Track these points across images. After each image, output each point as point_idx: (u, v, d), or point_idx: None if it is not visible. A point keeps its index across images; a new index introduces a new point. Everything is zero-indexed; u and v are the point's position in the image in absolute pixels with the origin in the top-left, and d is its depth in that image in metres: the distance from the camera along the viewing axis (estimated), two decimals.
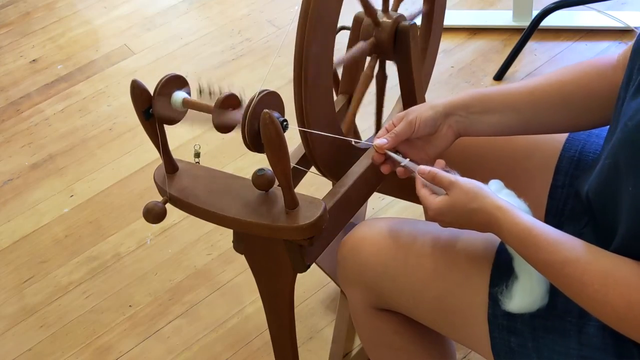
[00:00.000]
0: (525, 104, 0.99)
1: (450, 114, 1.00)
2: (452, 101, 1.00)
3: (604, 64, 0.96)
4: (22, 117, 2.32)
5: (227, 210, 1.01)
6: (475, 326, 0.97)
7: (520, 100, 0.99)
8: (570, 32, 2.29)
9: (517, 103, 0.99)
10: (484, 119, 1.00)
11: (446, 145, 1.02)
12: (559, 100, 0.98)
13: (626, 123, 0.78)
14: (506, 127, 1.01)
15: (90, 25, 2.68)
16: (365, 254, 1.06)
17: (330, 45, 1.02)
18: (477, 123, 1.00)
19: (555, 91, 0.98)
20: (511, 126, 1.01)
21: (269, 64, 2.35)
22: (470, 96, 1.00)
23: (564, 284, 0.81)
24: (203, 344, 1.61)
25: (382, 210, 1.83)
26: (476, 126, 1.01)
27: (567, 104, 0.98)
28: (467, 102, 1.00)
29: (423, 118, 0.99)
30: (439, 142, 1.01)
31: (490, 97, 1.00)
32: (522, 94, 0.99)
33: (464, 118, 1.00)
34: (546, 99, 0.98)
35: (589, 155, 1.05)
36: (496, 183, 0.92)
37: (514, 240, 0.85)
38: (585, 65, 0.98)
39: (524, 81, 1.01)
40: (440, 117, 0.99)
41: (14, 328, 1.70)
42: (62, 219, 1.95)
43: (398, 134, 0.99)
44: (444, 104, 1.00)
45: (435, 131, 1.00)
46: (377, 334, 1.13)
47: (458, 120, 1.00)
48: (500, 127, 1.01)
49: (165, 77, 0.98)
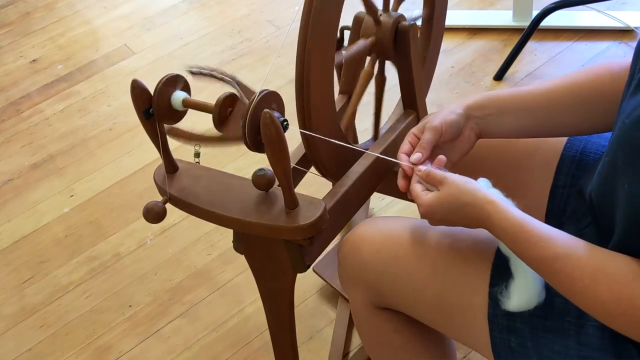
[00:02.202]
0: (539, 106, 0.99)
1: (469, 116, 1.00)
2: (469, 103, 1.00)
3: (617, 67, 0.96)
4: (22, 117, 2.32)
5: (227, 210, 1.01)
6: (475, 326, 0.97)
7: (534, 102, 0.99)
8: (570, 32, 2.29)
9: (531, 105, 0.99)
10: (499, 120, 1.00)
11: (469, 148, 1.02)
12: (573, 103, 0.98)
13: (624, 121, 0.79)
14: (521, 128, 1.01)
15: (90, 25, 2.68)
16: (365, 253, 1.06)
17: (331, 46, 1.02)
18: (493, 124, 1.01)
19: (569, 94, 0.98)
20: (525, 128, 1.01)
21: (269, 64, 2.35)
22: (484, 98, 1.00)
23: (555, 279, 0.82)
24: (203, 344, 1.61)
25: (382, 210, 1.83)
26: (492, 128, 1.01)
27: (581, 106, 0.98)
28: (481, 104, 1.00)
29: (448, 122, 0.98)
30: (463, 145, 1.01)
31: (504, 99, 1.00)
32: (536, 96, 0.99)
33: (481, 119, 1.00)
34: (560, 102, 0.98)
35: (590, 155, 1.05)
36: (484, 181, 0.92)
37: (505, 235, 0.85)
38: (599, 68, 0.98)
39: (537, 83, 1.01)
40: (463, 120, 0.99)
41: (14, 328, 1.70)
42: (62, 219, 1.95)
43: (428, 144, 0.97)
44: (462, 107, 1.00)
45: (459, 134, 1.00)
46: (378, 333, 1.13)
47: (477, 122, 1.00)
48: (515, 128, 1.01)
49: (165, 77, 0.98)
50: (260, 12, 2.61)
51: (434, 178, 0.92)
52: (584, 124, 1.00)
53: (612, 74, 0.96)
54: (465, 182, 0.89)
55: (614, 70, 0.96)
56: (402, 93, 1.26)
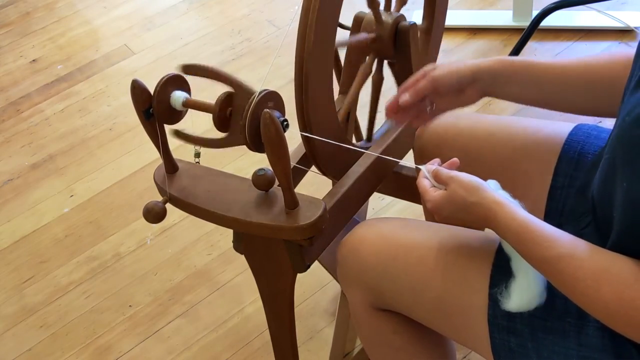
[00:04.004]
0: (549, 81, 1.00)
1: (478, 79, 1.01)
2: (480, 66, 1.01)
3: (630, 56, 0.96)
4: (22, 117, 2.32)
5: (227, 210, 1.01)
6: (475, 327, 0.97)
7: (545, 76, 1.00)
8: (570, 32, 2.29)
9: (542, 79, 1.00)
10: (507, 88, 1.01)
11: (469, 103, 1.04)
12: (583, 83, 0.98)
13: (624, 118, 0.79)
14: (526, 98, 1.03)
15: (90, 25, 2.68)
16: (365, 254, 1.06)
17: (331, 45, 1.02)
18: (500, 90, 1.02)
19: (581, 73, 0.98)
20: (531, 99, 1.03)
21: (269, 64, 2.35)
22: (498, 63, 1.01)
23: (558, 279, 0.82)
24: (203, 344, 1.61)
25: (382, 210, 1.83)
26: (498, 93, 1.02)
27: (590, 88, 0.98)
28: (494, 70, 1.00)
29: (447, 78, 1.00)
30: (462, 101, 1.03)
31: (516, 69, 1.00)
32: (548, 70, 1.00)
33: (489, 84, 1.01)
34: (571, 80, 0.99)
35: (589, 156, 1.05)
36: (493, 183, 0.92)
37: (511, 236, 0.85)
38: (613, 54, 0.98)
39: (551, 59, 1.02)
40: (467, 82, 1.01)
41: (14, 328, 1.70)
42: (62, 219, 1.95)
43: (419, 90, 1.02)
44: (471, 68, 1.01)
45: (461, 91, 1.02)
46: (377, 334, 1.13)
47: (483, 84, 1.01)
48: (521, 97, 1.03)
49: (165, 77, 0.98)
50: (260, 12, 2.61)
51: (441, 176, 0.92)
52: (590, 105, 1.00)
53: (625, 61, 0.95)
54: (473, 182, 0.89)
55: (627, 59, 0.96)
56: None
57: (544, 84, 1.00)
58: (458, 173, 0.91)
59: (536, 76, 1.00)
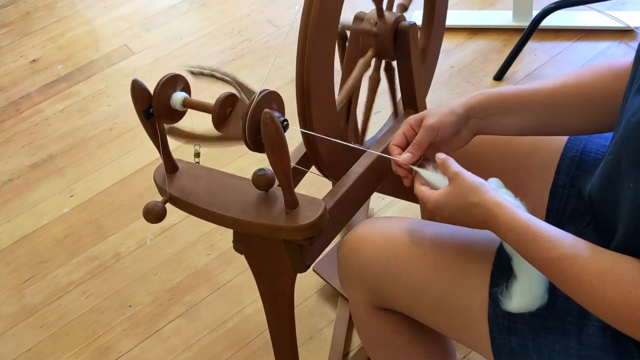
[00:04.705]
0: (542, 106, 0.98)
1: (470, 116, 0.99)
2: (470, 103, 0.99)
3: (620, 67, 0.95)
4: (22, 117, 2.32)
5: (227, 210, 1.01)
6: (475, 326, 0.97)
7: (537, 102, 0.98)
8: (570, 32, 2.29)
9: (534, 105, 0.98)
10: (501, 120, 0.99)
11: (463, 145, 1.01)
12: (576, 103, 0.97)
13: (629, 119, 0.78)
14: (523, 128, 1.00)
15: (90, 25, 2.68)
16: (365, 254, 1.06)
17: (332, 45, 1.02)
18: (494, 125, 1.00)
19: (573, 94, 0.97)
20: (528, 127, 1.00)
21: (269, 64, 2.35)
22: (487, 98, 0.99)
23: (562, 280, 0.81)
24: (203, 344, 1.61)
25: (382, 210, 1.83)
26: (493, 127, 1.00)
27: (584, 107, 0.97)
28: (484, 105, 0.99)
29: (446, 122, 0.97)
30: (457, 143, 1.01)
31: (507, 99, 0.99)
32: (539, 95, 0.98)
33: (481, 120, 0.99)
34: (564, 102, 0.97)
35: (590, 155, 1.05)
36: (495, 182, 0.92)
37: (512, 237, 0.85)
38: (602, 68, 0.97)
39: (540, 82, 1.00)
40: (462, 120, 0.98)
41: (14, 328, 1.70)
42: (62, 219, 1.95)
43: (421, 144, 0.97)
44: (463, 107, 0.98)
45: (456, 133, 0.99)
46: (377, 334, 1.13)
47: (477, 122, 0.99)
48: (517, 128, 1.00)
49: (165, 77, 0.98)
50: (260, 12, 2.61)
51: (448, 168, 0.91)
52: (586, 124, 0.99)
53: (616, 74, 0.95)
54: (475, 182, 0.89)
55: (617, 70, 0.96)
56: (402, 93, 1.26)
57: (537, 109, 0.98)
58: (464, 171, 0.91)
59: (528, 103, 0.98)
